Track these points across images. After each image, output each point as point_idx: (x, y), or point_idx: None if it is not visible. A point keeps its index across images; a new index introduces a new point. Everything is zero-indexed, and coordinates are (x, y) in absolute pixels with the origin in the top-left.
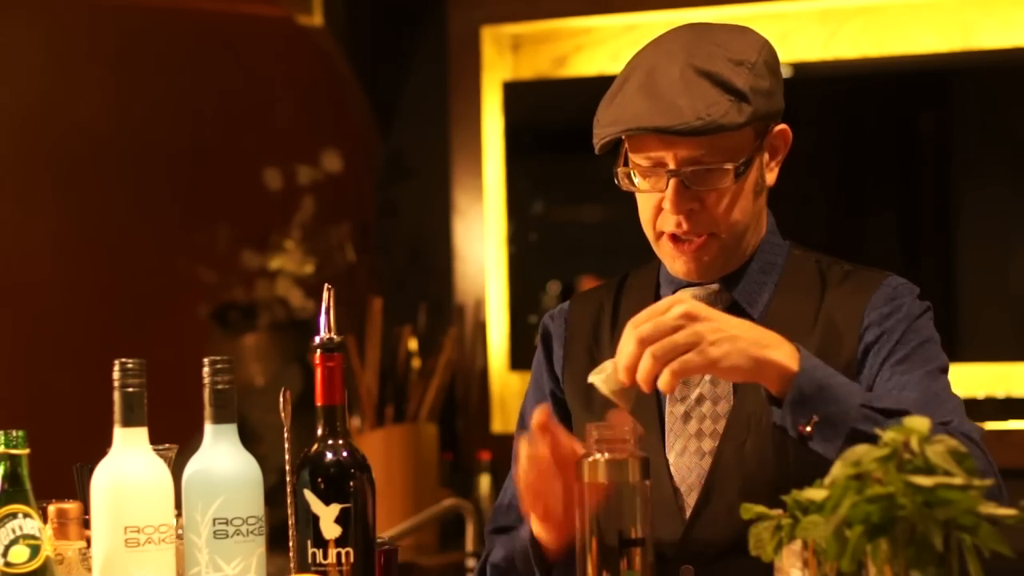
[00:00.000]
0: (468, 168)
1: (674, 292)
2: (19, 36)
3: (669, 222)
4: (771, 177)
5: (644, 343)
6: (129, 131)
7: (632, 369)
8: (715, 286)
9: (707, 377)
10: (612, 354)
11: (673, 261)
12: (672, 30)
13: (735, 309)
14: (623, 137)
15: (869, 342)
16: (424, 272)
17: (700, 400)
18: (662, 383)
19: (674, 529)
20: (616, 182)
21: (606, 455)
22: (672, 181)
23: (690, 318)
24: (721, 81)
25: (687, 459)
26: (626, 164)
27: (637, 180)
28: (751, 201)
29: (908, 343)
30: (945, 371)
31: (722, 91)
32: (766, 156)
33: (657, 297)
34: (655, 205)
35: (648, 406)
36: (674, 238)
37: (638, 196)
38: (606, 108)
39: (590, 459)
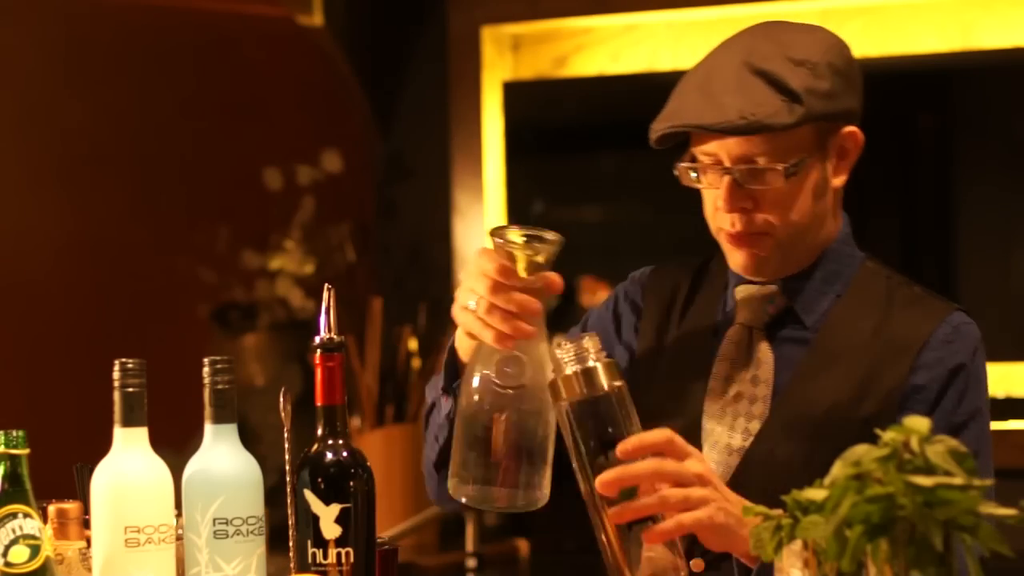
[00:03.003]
0: (468, 168)
1: (735, 288)
2: (19, 36)
3: (725, 220)
4: (838, 180)
5: (660, 478)
6: (129, 131)
7: (626, 479)
8: (774, 288)
9: (747, 376)
10: (679, 336)
11: (731, 256)
12: (746, 28)
13: (789, 315)
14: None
15: (918, 384)
16: (424, 272)
17: (738, 397)
18: (663, 528)
19: None
20: (676, 176)
21: (576, 367)
22: (726, 179)
23: (704, 481)
24: (775, 80)
25: (716, 453)
26: (693, 160)
27: (695, 176)
28: (810, 203)
29: (953, 415)
30: (982, 451)
31: (774, 90)
32: (833, 158)
33: (725, 290)
34: (714, 201)
35: (692, 397)
36: (729, 233)
37: (702, 191)
38: (667, 103)
39: (562, 375)
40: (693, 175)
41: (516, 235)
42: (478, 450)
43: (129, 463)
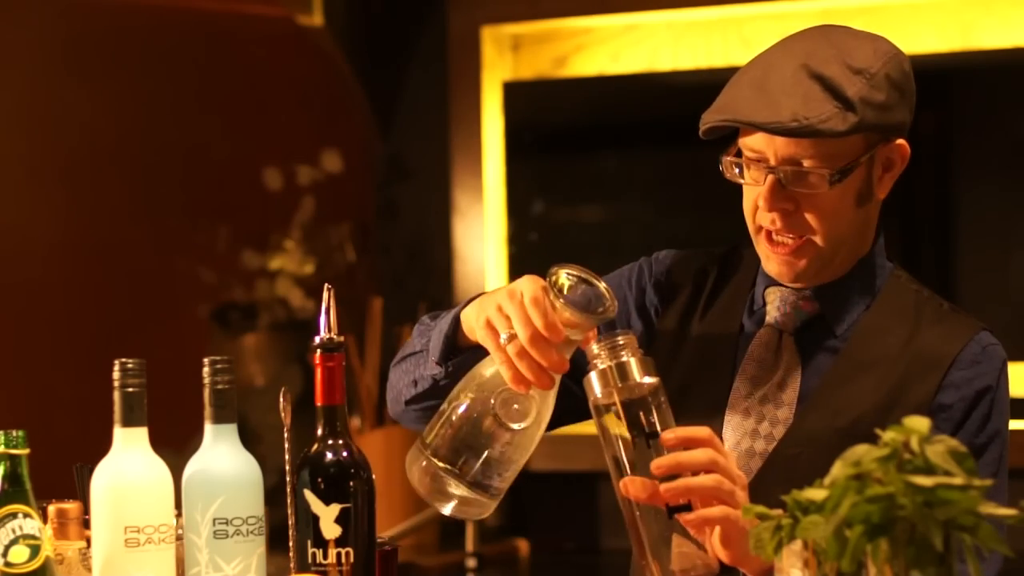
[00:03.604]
0: (468, 168)
1: (766, 289)
2: (19, 35)
3: (765, 218)
4: (881, 192)
5: (715, 468)
6: (129, 131)
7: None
8: (807, 293)
9: (774, 379)
10: (703, 329)
11: (767, 260)
12: (805, 29)
13: (819, 322)
14: (739, 127)
15: (944, 403)
16: (424, 272)
17: (763, 400)
18: (708, 514)
19: None
20: (720, 169)
21: (611, 362)
22: (769, 178)
23: (743, 486)
24: (831, 86)
25: (737, 455)
26: (738, 155)
27: (738, 171)
28: (852, 211)
29: (975, 436)
30: (1000, 473)
31: (830, 96)
32: (879, 169)
33: (753, 286)
34: (755, 199)
35: (713, 395)
36: (770, 237)
37: (743, 187)
38: (720, 95)
39: (598, 370)
40: (736, 170)
41: (571, 284)
42: (457, 451)
43: (129, 463)
